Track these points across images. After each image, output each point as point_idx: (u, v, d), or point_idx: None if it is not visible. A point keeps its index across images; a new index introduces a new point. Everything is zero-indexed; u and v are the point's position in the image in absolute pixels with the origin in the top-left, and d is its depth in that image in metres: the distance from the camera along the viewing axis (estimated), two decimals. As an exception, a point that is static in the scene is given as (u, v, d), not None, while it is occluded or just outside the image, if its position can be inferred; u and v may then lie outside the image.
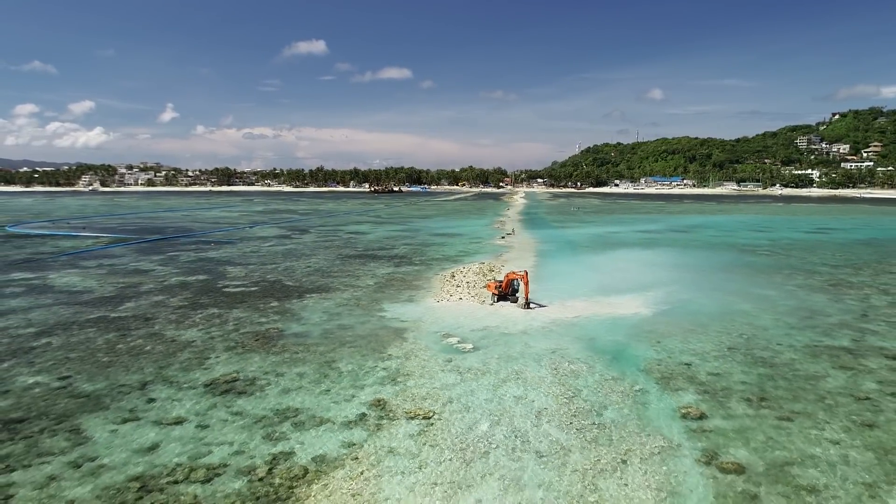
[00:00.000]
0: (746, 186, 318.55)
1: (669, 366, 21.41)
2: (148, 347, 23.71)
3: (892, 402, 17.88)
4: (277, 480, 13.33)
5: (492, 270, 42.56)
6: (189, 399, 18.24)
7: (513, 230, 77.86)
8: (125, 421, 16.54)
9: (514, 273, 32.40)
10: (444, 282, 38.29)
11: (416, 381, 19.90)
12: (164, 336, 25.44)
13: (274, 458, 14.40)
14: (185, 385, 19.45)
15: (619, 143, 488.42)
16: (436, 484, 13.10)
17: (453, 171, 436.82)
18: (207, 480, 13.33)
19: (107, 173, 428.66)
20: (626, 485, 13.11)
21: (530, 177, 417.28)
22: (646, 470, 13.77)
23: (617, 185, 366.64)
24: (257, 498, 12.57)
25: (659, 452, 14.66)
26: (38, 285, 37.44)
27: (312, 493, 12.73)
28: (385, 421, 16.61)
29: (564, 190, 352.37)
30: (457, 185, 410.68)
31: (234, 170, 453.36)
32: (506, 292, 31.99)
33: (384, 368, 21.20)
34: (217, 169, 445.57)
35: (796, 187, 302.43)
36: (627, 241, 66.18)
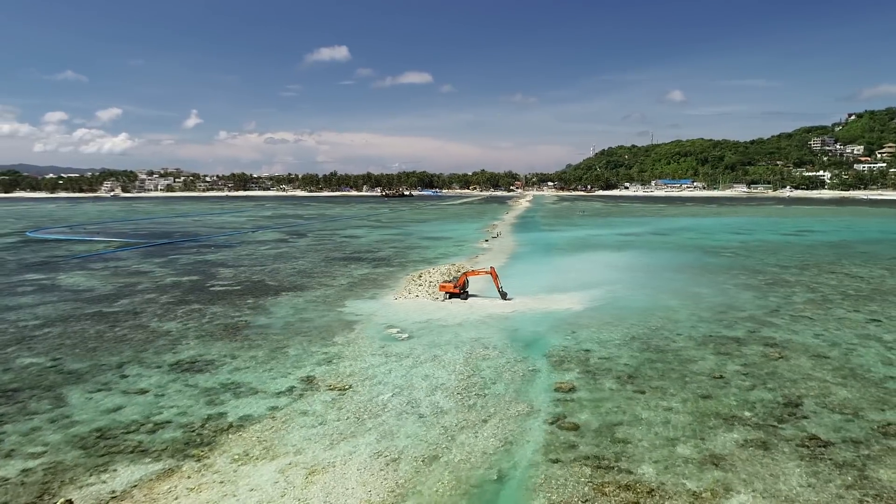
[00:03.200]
0: (756, 188, 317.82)
1: (570, 352, 24.83)
2: (131, 336, 27.71)
3: (740, 380, 21.13)
4: (206, 432, 17.09)
5: (458, 271, 46.06)
6: (155, 375, 22.11)
7: (499, 233, 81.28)
8: (99, 391, 20.45)
9: (475, 271, 36.08)
10: (410, 281, 41.96)
11: (347, 362, 23.58)
12: (147, 327, 29.44)
13: (209, 417, 18.17)
14: (153, 365, 23.34)
15: (633, 146, 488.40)
16: (326, 435, 16.75)
17: (465, 175, 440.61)
18: (152, 431, 17.13)
19: (128, 179, 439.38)
20: (475, 436, 16.64)
21: (541, 180, 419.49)
22: (499, 427, 17.28)
23: (627, 187, 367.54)
24: (186, 443, 16.33)
25: (517, 415, 18.16)
26: (47, 285, 41.83)
27: (228, 440, 16.47)
28: (308, 392, 20.30)
29: (573, 193, 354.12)
30: (468, 188, 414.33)
31: (251, 175, 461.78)
32: (458, 291, 35.58)
33: (324, 353, 24.91)
34: (234, 174, 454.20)
35: (807, 189, 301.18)
36: (604, 243, 69.28)
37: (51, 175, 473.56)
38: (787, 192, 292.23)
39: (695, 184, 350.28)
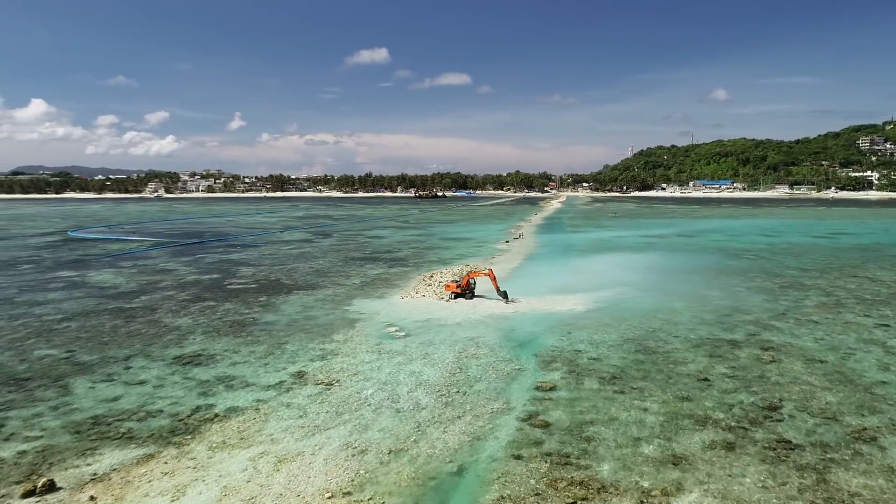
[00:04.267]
0: (799, 189, 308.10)
1: (561, 352, 25.03)
2: (143, 331, 29.09)
3: (724, 383, 21.04)
4: (192, 421, 18.02)
5: (490, 271, 46.42)
6: (157, 368, 23.26)
7: (521, 235, 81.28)
8: (102, 381, 21.68)
9: (475, 272, 36.54)
10: (421, 282, 42.60)
11: (341, 359, 24.33)
12: (160, 322, 30.83)
13: (198, 408, 19.11)
14: (158, 358, 24.53)
15: (672, 146, 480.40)
16: (303, 426, 17.48)
17: (499, 176, 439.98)
18: (143, 420, 18.16)
19: (171, 180, 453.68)
20: (445, 431, 17.11)
21: (576, 181, 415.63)
22: (470, 423, 17.71)
23: (664, 188, 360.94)
24: (171, 431, 17.27)
25: (491, 413, 18.55)
26: (76, 281, 43.99)
27: (211, 429, 17.34)
28: (295, 386, 21.10)
29: (608, 194, 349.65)
30: (502, 189, 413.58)
31: (288, 176, 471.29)
32: (464, 291, 36.04)
33: (321, 349, 25.72)
34: (272, 175, 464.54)
35: (853, 190, 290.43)
36: (625, 245, 68.63)
37: (100, 176, 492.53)
38: (831, 194, 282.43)
39: (734, 185, 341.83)
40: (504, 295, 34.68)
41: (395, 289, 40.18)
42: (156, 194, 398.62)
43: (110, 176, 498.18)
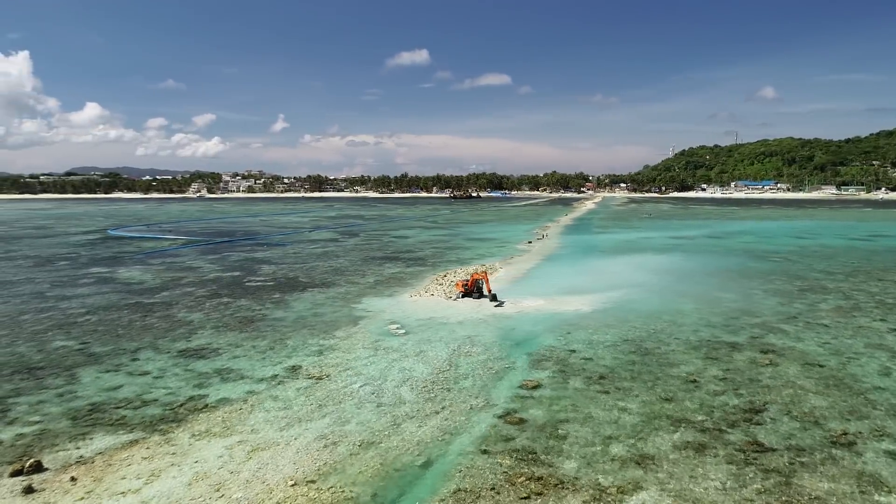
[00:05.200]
0: (847, 190, 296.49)
1: (555, 352, 25.07)
2: (156, 325, 30.35)
3: (713, 385, 20.80)
4: (182, 410, 18.86)
5: (484, 272, 46.70)
6: (161, 360, 24.32)
7: (545, 235, 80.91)
8: (108, 371, 22.81)
9: (477, 273, 36.80)
10: (433, 281, 43.05)
11: (337, 354, 24.95)
12: (174, 317, 32.08)
13: (191, 398, 19.97)
14: (164, 351, 25.62)
15: (715, 146, 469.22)
16: (285, 418, 18.10)
17: (535, 177, 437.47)
18: (137, 408, 19.10)
19: (213, 181, 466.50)
20: (420, 426, 17.49)
21: (613, 181, 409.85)
22: (447, 419, 18.04)
23: (703, 189, 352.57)
24: (161, 419, 18.13)
25: (470, 409, 18.83)
26: (106, 277, 45.99)
27: (197, 418, 18.14)
28: (287, 380, 21.78)
29: (646, 195, 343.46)
30: (537, 190, 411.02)
31: (326, 177, 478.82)
32: (470, 290, 36.35)
33: (320, 345, 26.41)
34: (310, 176, 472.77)
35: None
36: (650, 246, 67.63)
37: (147, 177, 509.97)
38: (880, 195, 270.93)
39: (778, 185, 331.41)
40: (493, 297, 34.75)
41: (407, 288, 40.72)
42: (198, 194, 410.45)
43: (157, 177, 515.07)
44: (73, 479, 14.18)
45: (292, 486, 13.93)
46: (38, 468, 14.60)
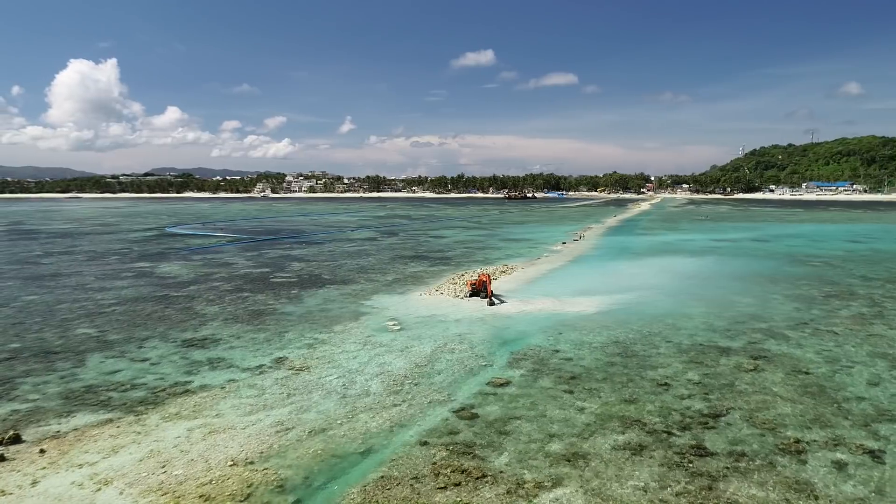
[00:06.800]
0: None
1: (538, 351, 25.18)
2: (173, 316, 32.35)
3: (683, 389, 20.44)
4: (163, 394, 20.26)
5: (503, 272, 46.93)
6: (164, 348, 26.03)
7: (582, 236, 79.85)
8: (113, 357, 24.66)
9: (484, 274, 37.27)
10: (449, 280, 43.61)
11: (325, 347, 25.96)
12: (192, 309, 34.05)
13: (176, 384, 21.39)
14: (170, 340, 27.37)
15: (789, 145, 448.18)
16: (252, 405, 19.16)
17: (594, 177, 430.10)
18: (126, 391, 20.65)
19: (277, 181, 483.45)
20: (374, 417, 18.15)
21: (675, 182, 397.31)
22: (403, 411, 18.62)
23: (771, 190, 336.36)
24: (140, 402, 19.58)
25: (429, 403, 19.34)
26: (145, 272, 49.06)
27: (174, 402, 19.45)
28: (269, 370, 22.92)
29: (708, 196, 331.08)
30: (595, 191, 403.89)
31: (384, 177, 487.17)
32: (478, 289, 36.76)
33: (314, 338, 27.52)
34: (368, 177, 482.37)
35: None
36: (687, 248, 65.69)
37: (217, 178, 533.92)
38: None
39: (854, 187, 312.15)
40: (490, 300, 34.92)
41: (422, 286, 41.46)
42: (262, 194, 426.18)
43: (227, 177, 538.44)
44: (42, 451, 15.64)
45: (230, 465, 14.88)
46: (16, 440, 16.17)
